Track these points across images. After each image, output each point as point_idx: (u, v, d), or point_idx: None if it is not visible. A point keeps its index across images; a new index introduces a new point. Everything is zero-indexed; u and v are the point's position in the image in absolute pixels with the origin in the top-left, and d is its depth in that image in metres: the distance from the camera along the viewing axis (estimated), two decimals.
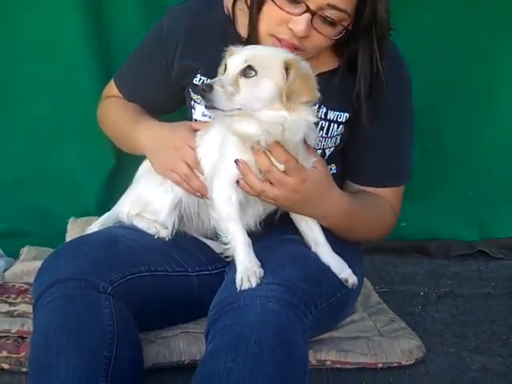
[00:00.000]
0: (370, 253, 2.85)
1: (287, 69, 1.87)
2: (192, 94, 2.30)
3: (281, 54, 1.93)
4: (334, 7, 2.00)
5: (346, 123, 2.24)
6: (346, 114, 2.22)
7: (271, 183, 1.96)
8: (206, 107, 1.86)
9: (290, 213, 2.12)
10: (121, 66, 2.53)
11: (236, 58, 1.89)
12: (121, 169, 3.17)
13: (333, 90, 2.13)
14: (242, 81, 1.86)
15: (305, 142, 1.96)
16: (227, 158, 1.97)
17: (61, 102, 3.15)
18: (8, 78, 3.12)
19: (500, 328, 2.61)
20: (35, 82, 3.12)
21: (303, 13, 2.00)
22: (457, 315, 2.72)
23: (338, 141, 2.26)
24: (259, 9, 2.09)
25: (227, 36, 2.19)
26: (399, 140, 2.30)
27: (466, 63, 3.34)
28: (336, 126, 2.23)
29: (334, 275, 2.05)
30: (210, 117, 2.21)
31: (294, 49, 2.05)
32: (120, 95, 2.49)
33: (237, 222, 1.97)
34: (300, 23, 2.01)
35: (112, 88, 2.52)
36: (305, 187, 1.97)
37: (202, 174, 2.12)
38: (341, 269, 2.05)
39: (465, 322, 2.65)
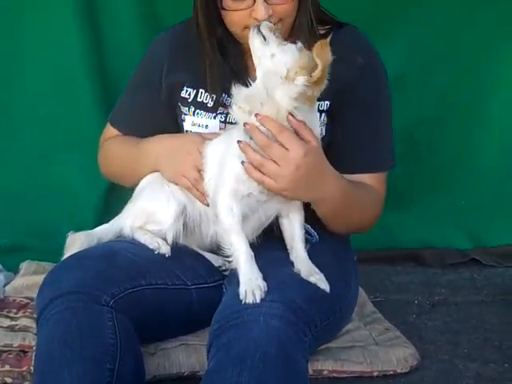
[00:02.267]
0: (364, 262, 2.87)
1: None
2: (182, 108, 2.36)
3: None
4: None
5: (328, 112, 2.26)
6: (327, 102, 2.25)
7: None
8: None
9: (280, 218, 2.13)
10: (112, 111, 2.56)
11: None
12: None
13: None
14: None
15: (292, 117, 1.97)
16: (228, 170, 2.01)
17: (59, 116, 3.21)
18: (7, 92, 3.18)
19: (493, 335, 2.65)
20: (34, 95, 3.18)
21: (254, 1, 2.10)
22: (450, 323, 2.76)
23: (324, 132, 2.26)
24: (221, 20, 2.21)
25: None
26: (377, 127, 2.31)
27: (458, 75, 3.41)
28: (319, 115, 2.23)
29: (335, 294, 2.06)
30: (199, 125, 2.31)
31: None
32: (118, 134, 2.52)
33: (239, 233, 2.00)
34: (258, 10, 2.10)
35: (109, 130, 2.54)
36: (307, 161, 1.95)
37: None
38: (310, 273, 2.04)
39: (458, 330, 2.68)
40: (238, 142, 1.98)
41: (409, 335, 2.48)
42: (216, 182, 2.08)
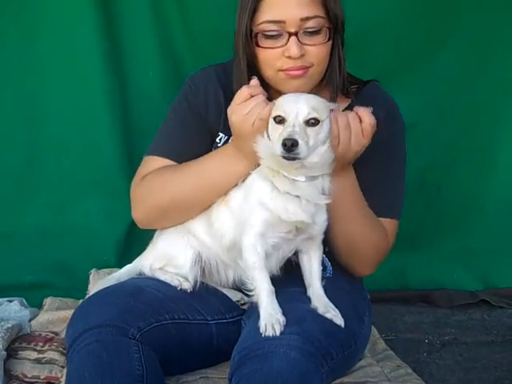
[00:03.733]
0: (376, 302, 2.92)
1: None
2: None
3: (327, 103, 2.13)
4: (307, 19, 2.19)
5: None
6: None
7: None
8: (287, 159, 2.00)
9: (300, 254, 2.23)
10: (152, 144, 2.47)
11: (300, 108, 2.04)
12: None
13: None
14: (308, 130, 2.04)
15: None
16: (256, 216, 2.11)
17: (82, 158, 3.31)
18: (34, 136, 3.29)
19: (503, 374, 2.71)
20: (59, 139, 3.28)
21: (288, 39, 2.20)
22: (461, 362, 2.81)
23: None
24: (255, 61, 2.28)
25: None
26: (393, 176, 2.42)
27: (467, 122, 3.51)
28: None
29: (350, 328, 2.15)
30: None
31: (305, 68, 2.23)
32: (160, 166, 2.40)
33: (262, 270, 2.09)
34: (291, 48, 2.20)
35: (148, 166, 2.42)
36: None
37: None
38: (326, 310, 2.13)
39: (469, 369, 2.74)
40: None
41: (420, 373, 2.53)
42: (238, 223, 2.17)
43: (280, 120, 2.06)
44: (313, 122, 2.04)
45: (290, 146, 1.96)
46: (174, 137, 2.44)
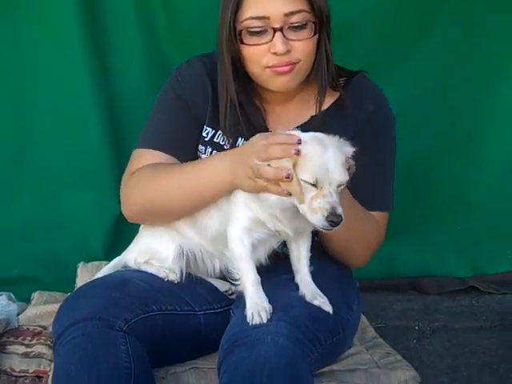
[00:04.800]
0: (366, 291, 2.90)
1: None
2: (200, 146, 2.39)
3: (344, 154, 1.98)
4: (291, 13, 2.15)
5: None
6: None
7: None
8: (324, 229, 1.91)
9: (288, 242, 2.20)
10: (140, 137, 2.41)
11: (335, 174, 1.89)
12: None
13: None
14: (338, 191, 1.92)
15: None
16: (238, 208, 2.09)
17: (69, 151, 3.29)
18: (21, 131, 3.27)
19: (491, 359, 2.73)
20: (46, 133, 3.27)
21: (273, 35, 2.16)
22: (450, 348, 2.84)
23: None
24: (240, 58, 2.24)
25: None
26: (383, 171, 2.41)
27: (456, 112, 3.51)
28: None
29: (338, 315, 2.15)
30: None
31: (292, 64, 2.20)
32: (149, 162, 2.32)
33: (248, 260, 2.09)
34: (277, 44, 2.16)
35: (137, 161, 2.35)
36: None
37: None
38: (314, 297, 2.12)
39: (457, 354, 2.76)
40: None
41: (410, 360, 2.52)
42: (224, 215, 2.16)
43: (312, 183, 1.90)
44: (343, 183, 1.94)
45: (337, 223, 1.88)
46: (161, 129, 2.39)
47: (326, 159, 1.90)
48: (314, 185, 1.89)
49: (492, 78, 3.47)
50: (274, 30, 2.16)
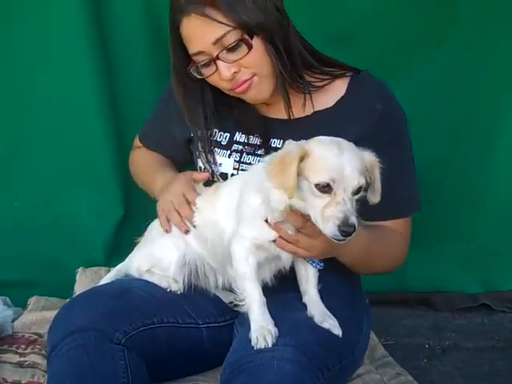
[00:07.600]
0: (375, 305, 2.86)
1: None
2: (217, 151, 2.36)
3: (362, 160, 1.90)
4: (218, 40, 2.10)
5: None
6: None
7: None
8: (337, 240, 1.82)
9: (295, 260, 2.10)
10: (143, 127, 2.66)
11: (350, 179, 1.80)
12: (129, 219, 3.24)
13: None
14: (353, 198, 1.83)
15: None
16: (249, 229, 2.00)
17: (70, 153, 3.22)
18: (20, 129, 3.20)
19: (505, 381, 2.66)
20: (46, 132, 3.20)
21: (216, 65, 2.13)
22: (462, 368, 2.76)
23: None
24: (203, 85, 2.27)
25: None
26: (401, 173, 2.30)
27: (467, 116, 3.43)
28: None
29: (347, 337, 2.04)
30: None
31: (248, 80, 2.15)
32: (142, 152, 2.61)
33: (253, 280, 2.00)
34: (222, 72, 2.14)
35: (134, 145, 2.67)
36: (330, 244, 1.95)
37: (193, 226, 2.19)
38: (323, 318, 2.02)
39: (470, 375, 2.69)
40: (266, 221, 1.96)
41: (421, 380, 2.46)
42: (230, 230, 2.07)
43: (325, 189, 1.81)
44: (359, 190, 1.84)
45: (349, 233, 1.79)
46: (154, 126, 2.58)
47: (342, 161, 1.81)
48: (327, 191, 1.79)
49: (504, 86, 3.40)
50: (213, 60, 2.14)
